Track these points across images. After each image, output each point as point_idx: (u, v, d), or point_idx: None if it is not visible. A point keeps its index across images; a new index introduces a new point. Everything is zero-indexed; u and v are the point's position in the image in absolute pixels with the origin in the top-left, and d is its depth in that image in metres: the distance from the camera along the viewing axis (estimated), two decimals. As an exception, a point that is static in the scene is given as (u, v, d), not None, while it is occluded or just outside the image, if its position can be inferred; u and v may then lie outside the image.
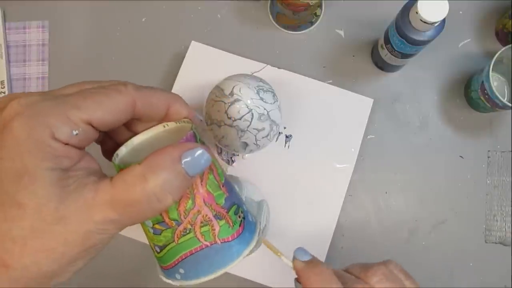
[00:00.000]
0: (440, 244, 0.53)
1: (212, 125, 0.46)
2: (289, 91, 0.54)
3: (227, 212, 0.25)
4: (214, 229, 0.24)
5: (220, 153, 0.54)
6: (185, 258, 0.24)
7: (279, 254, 0.29)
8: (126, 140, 0.25)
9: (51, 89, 0.23)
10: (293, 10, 0.51)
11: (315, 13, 0.55)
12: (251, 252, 0.25)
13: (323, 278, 0.27)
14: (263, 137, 0.46)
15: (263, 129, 0.46)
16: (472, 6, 0.58)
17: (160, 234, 0.24)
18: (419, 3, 0.41)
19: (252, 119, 0.45)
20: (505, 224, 0.53)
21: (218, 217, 0.24)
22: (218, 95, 0.46)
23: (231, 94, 0.45)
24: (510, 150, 0.55)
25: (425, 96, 0.56)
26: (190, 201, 0.23)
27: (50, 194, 0.19)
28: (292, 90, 0.55)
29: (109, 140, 0.27)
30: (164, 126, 0.25)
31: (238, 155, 0.54)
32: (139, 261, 0.53)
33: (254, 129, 0.45)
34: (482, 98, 0.51)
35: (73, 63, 0.58)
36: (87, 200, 0.20)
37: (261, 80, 0.48)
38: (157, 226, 0.24)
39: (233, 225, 0.25)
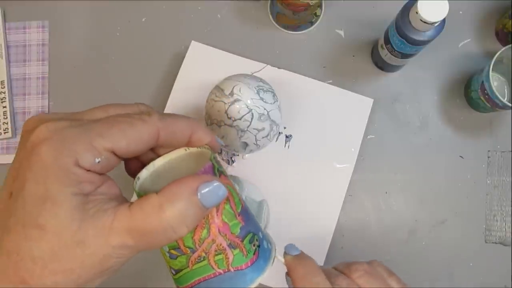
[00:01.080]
0: (440, 244, 0.53)
1: (212, 125, 0.46)
2: (289, 91, 0.54)
3: (242, 241, 0.25)
4: (228, 258, 0.25)
5: (220, 153, 0.54)
6: (199, 283, 0.25)
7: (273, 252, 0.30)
8: (149, 160, 0.25)
9: (77, 111, 0.24)
10: (293, 10, 0.51)
11: (315, 13, 0.55)
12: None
13: (308, 270, 0.28)
14: (263, 137, 0.46)
15: (263, 129, 0.46)
16: (472, 6, 0.58)
17: (176, 259, 0.25)
18: (419, 3, 0.41)
19: (252, 119, 0.45)
20: (505, 224, 0.53)
21: (232, 246, 0.25)
22: (218, 95, 0.46)
23: (231, 94, 0.45)
24: (510, 150, 0.55)
25: (425, 96, 0.56)
26: (205, 231, 0.24)
27: (70, 218, 0.20)
28: (292, 90, 0.55)
29: (133, 159, 0.27)
30: (185, 150, 0.26)
31: (238, 155, 0.54)
32: (139, 262, 0.53)
33: (254, 129, 0.45)
34: (482, 98, 0.51)
35: (73, 63, 0.58)
36: (106, 225, 0.20)
37: (261, 80, 0.48)
38: (173, 251, 0.25)
39: (247, 254, 0.25)
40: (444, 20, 0.43)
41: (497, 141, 0.55)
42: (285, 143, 0.54)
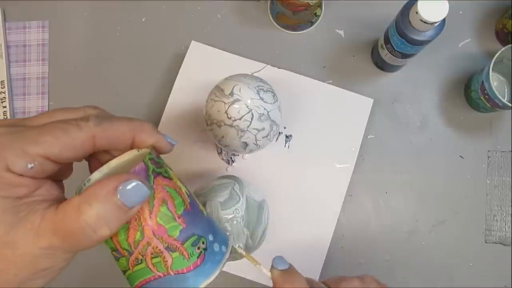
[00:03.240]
0: (440, 244, 0.53)
1: (212, 125, 0.46)
2: (289, 91, 0.54)
3: (182, 244, 0.24)
4: (166, 261, 0.24)
5: (220, 153, 0.54)
6: (142, 285, 0.25)
7: (257, 265, 0.29)
8: (109, 160, 0.25)
9: (25, 117, 0.24)
10: (293, 10, 0.51)
11: (315, 13, 0.55)
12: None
13: (295, 286, 0.27)
14: (263, 137, 0.46)
15: (263, 129, 0.46)
16: (472, 6, 0.58)
17: (118, 261, 0.25)
18: (419, 3, 0.41)
19: (252, 119, 0.45)
20: (505, 224, 0.53)
21: (170, 249, 0.24)
22: (218, 95, 0.46)
23: (231, 94, 0.45)
24: (510, 150, 0.55)
25: (425, 96, 0.56)
26: (138, 233, 0.24)
27: (1, 221, 0.20)
28: (292, 90, 0.55)
29: (94, 159, 0.27)
30: (138, 151, 0.26)
31: (238, 155, 0.54)
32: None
33: (254, 129, 0.45)
34: (482, 98, 0.51)
35: (73, 63, 0.58)
36: (34, 226, 0.21)
37: (261, 80, 0.48)
38: (114, 253, 0.25)
39: (189, 257, 0.25)
40: (444, 20, 0.43)
41: (497, 141, 0.55)
42: (285, 143, 0.54)
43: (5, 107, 0.56)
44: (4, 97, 0.56)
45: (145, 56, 0.58)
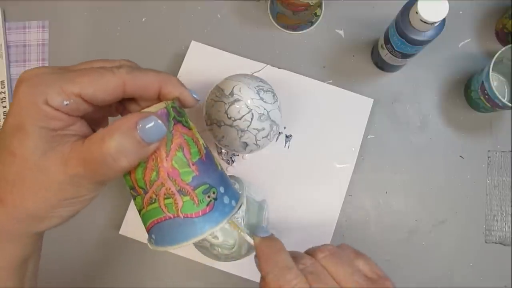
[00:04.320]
0: (440, 244, 0.53)
1: (212, 125, 0.46)
2: (289, 91, 0.54)
3: (193, 190, 0.26)
4: (177, 203, 0.26)
5: (220, 153, 0.54)
6: (154, 225, 0.27)
7: (242, 232, 0.30)
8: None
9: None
10: (293, 10, 0.51)
11: (315, 13, 0.55)
12: (218, 227, 0.27)
13: (273, 250, 0.29)
14: (263, 137, 0.46)
15: (263, 129, 0.46)
16: (472, 6, 0.58)
17: (135, 199, 0.27)
18: (419, 3, 0.41)
19: (252, 119, 0.45)
20: (505, 224, 0.53)
21: (182, 192, 0.26)
22: (218, 95, 0.46)
23: (231, 94, 0.45)
24: (510, 150, 0.55)
25: (425, 96, 0.56)
26: (154, 173, 0.25)
27: (35, 147, 0.23)
28: (292, 90, 0.55)
29: (126, 111, 0.30)
30: (165, 103, 0.27)
31: (238, 155, 0.54)
32: (139, 261, 0.53)
33: (254, 129, 0.45)
34: (482, 98, 0.51)
35: (73, 63, 0.58)
36: (64, 155, 0.23)
37: (261, 80, 0.48)
38: (131, 191, 0.27)
39: (199, 204, 0.26)
40: (444, 20, 0.43)
41: (497, 141, 0.55)
42: (285, 143, 0.54)
43: (5, 107, 0.56)
44: (4, 97, 0.56)
45: (145, 56, 0.58)
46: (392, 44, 0.48)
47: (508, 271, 0.52)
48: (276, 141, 0.54)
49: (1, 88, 0.56)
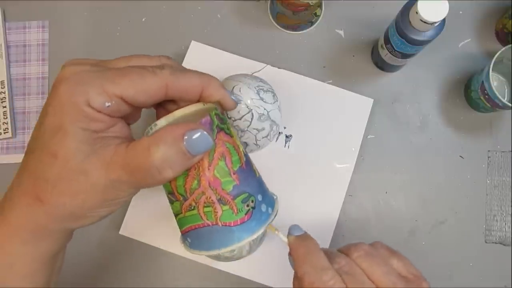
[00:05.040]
0: (440, 244, 0.53)
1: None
2: (289, 91, 0.54)
3: (233, 199, 0.26)
4: (217, 212, 0.26)
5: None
6: (190, 230, 0.27)
7: (276, 231, 0.31)
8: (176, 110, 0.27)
9: (105, 59, 0.27)
10: (293, 10, 0.51)
11: (315, 13, 0.55)
12: (258, 240, 0.27)
13: (309, 250, 0.29)
14: (263, 137, 0.47)
15: (263, 129, 0.46)
16: (472, 6, 0.58)
17: (173, 204, 0.27)
18: (419, 3, 0.41)
19: (252, 119, 0.45)
20: (505, 224, 0.53)
21: (222, 201, 0.26)
22: (218, 95, 0.46)
23: (231, 94, 0.45)
24: (510, 150, 0.55)
25: (425, 96, 0.56)
26: (195, 182, 0.25)
27: (78, 149, 0.22)
28: (292, 90, 0.55)
29: (162, 109, 0.29)
30: (203, 105, 0.27)
31: (238, 155, 0.54)
32: (139, 261, 0.53)
33: (254, 129, 0.45)
34: (482, 98, 0.51)
35: (73, 63, 0.58)
36: (106, 159, 0.23)
37: (261, 80, 0.48)
38: (170, 196, 0.27)
39: (238, 212, 0.26)
40: (444, 20, 0.43)
41: (497, 141, 0.55)
42: (285, 143, 0.54)
43: (5, 107, 0.56)
44: (4, 97, 0.56)
45: (145, 56, 0.58)
46: (392, 44, 0.48)
47: (508, 271, 0.52)
48: (276, 141, 0.54)
49: (1, 88, 0.56)
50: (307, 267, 0.28)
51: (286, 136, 0.54)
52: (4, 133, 0.55)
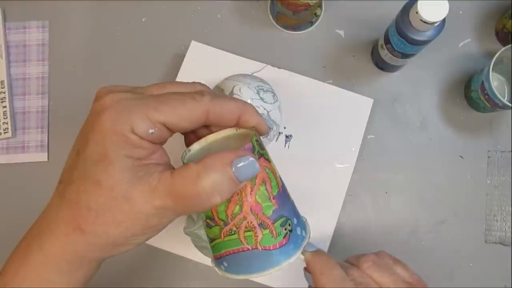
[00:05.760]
0: (440, 244, 0.53)
1: (212, 125, 0.46)
2: (289, 91, 0.54)
3: (273, 223, 0.26)
4: (257, 236, 0.26)
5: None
6: (229, 254, 0.27)
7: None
8: (204, 136, 0.28)
9: (137, 86, 0.27)
10: (293, 10, 0.51)
11: (315, 13, 0.55)
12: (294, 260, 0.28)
13: (326, 264, 0.31)
14: (263, 137, 0.47)
15: (263, 129, 0.46)
16: (472, 6, 0.58)
17: (211, 228, 0.27)
18: (419, 3, 0.41)
19: (252, 119, 0.45)
20: (505, 224, 0.53)
21: (262, 226, 0.26)
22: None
23: (231, 94, 0.45)
24: (510, 150, 0.55)
25: (425, 96, 0.56)
26: (238, 207, 0.26)
27: (122, 177, 0.22)
28: (292, 90, 0.55)
29: (191, 133, 0.30)
30: (236, 130, 0.28)
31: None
32: (139, 262, 0.53)
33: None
34: (482, 98, 0.51)
35: (73, 63, 0.58)
36: (151, 187, 0.23)
37: (261, 80, 0.48)
38: (208, 221, 0.27)
39: (277, 236, 0.27)
40: (444, 20, 0.43)
41: (497, 141, 0.55)
42: (285, 143, 0.54)
43: (5, 107, 0.56)
44: (4, 97, 0.56)
45: (145, 56, 0.58)
46: (392, 44, 0.48)
47: (508, 271, 0.52)
48: (276, 141, 0.54)
49: (1, 88, 0.56)
50: (326, 280, 0.30)
51: (286, 136, 0.54)
52: (4, 133, 0.55)
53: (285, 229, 0.27)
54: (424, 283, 0.35)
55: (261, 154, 0.27)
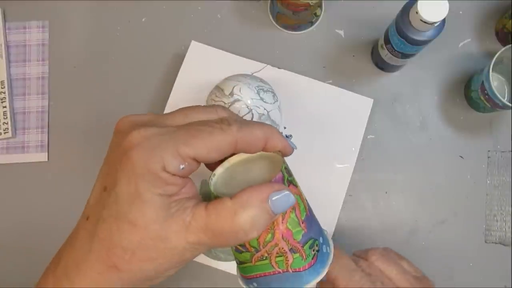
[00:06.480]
0: (440, 244, 0.53)
1: (212, 125, 0.46)
2: (289, 91, 0.54)
3: (302, 247, 0.27)
4: (288, 260, 0.27)
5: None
6: (259, 277, 0.28)
7: None
8: (225, 157, 0.27)
9: (159, 114, 0.26)
10: (293, 10, 0.51)
11: (315, 13, 0.55)
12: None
13: (337, 254, 0.32)
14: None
15: (263, 129, 0.46)
16: (472, 6, 0.58)
17: (241, 254, 0.28)
18: (419, 3, 0.41)
19: (252, 119, 0.45)
20: (505, 224, 0.53)
21: (293, 251, 0.27)
22: (218, 95, 0.46)
23: (231, 94, 0.45)
24: (510, 150, 0.55)
25: (425, 96, 0.56)
26: (270, 235, 0.26)
27: (156, 216, 0.22)
28: (292, 90, 0.55)
29: None
30: (274, 160, 0.28)
31: (238, 155, 0.54)
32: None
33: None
34: (482, 98, 0.51)
35: (73, 63, 0.58)
36: (185, 223, 0.23)
37: (261, 80, 0.48)
38: (239, 247, 0.27)
39: (307, 258, 0.27)
40: (444, 20, 0.43)
41: (497, 141, 0.55)
42: (285, 143, 0.54)
43: (5, 107, 0.56)
44: (4, 97, 0.56)
45: (145, 56, 0.58)
46: (392, 44, 0.48)
47: (508, 271, 0.52)
48: (276, 141, 0.54)
49: (1, 88, 0.56)
50: (339, 270, 0.31)
51: (286, 136, 0.54)
52: (4, 133, 0.55)
53: (313, 250, 0.28)
54: (427, 278, 0.36)
55: (290, 181, 0.28)
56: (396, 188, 0.55)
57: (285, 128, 0.54)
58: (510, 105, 0.47)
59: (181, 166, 0.23)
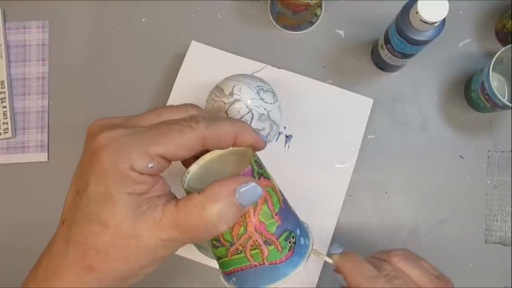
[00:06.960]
0: (440, 244, 0.53)
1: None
2: (289, 91, 0.54)
3: (277, 239, 0.27)
4: (263, 253, 0.27)
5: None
6: (237, 271, 0.28)
7: (321, 255, 0.33)
8: (201, 154, 0.28)
9: (132, 115, 0.27)
10: (293, 10, 0.51)
11: (315, 13, 0.55)
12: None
13: (356, 263, 0.32)
14: (263, 137, 0.46)
15: (263, 129, 0.46)
16: (472, 6, 0.58)
17: (217, 249, 0.28)
18: (419, 3, 0.41)
19: (252, 119, 0.45)
20: (505, 224, 0.53)
21: (267, 243, 0.27)
22: (218, 95, 0.46)
23: (231, 94, 0.45)
24: (510, 150, 0.55)
25: (425, 96, 0.56)
26: (242, 228, 0.26)
27: (126, 215, 0.23)
28: (292, 90, 0.55)
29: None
30: (231, 147, 0.28)
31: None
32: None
33: (254, 129, 0.45)
34: (482, 98, 0.51)
35: (73, 63, 0.58)
36: (156, 220, 0.23)
37: (261, 80, 0.48)
38: (214, 242, 0.28)
39: (282, 250, 0.27)
40: (444, 20, 0.43)
41: (497, 141, 0.55)
42: (285, 143, 0.54)
43: (5, 107, 0.56)
44: (4, 97, 0.56)
45: (145, 56, 0.58)
46: (392, 44, 0.48)
47: (508, 271, 0.52)
48: (276, 141, 0.54)
49: (1, 88, 0.56)
50: (360, 279, 0.31)
51: (286, 136, 0.54)
52: (4, 133, 0.55)
53: (290, 242, 0.28)
54: (446, 276, 0.36)
55: (261, 174, 0.28)
56: (396, 188, 0.55)
57: (285, 128, 0.54)
58: (510, 105, 0.47)
59: (150, 165, 0.23)
